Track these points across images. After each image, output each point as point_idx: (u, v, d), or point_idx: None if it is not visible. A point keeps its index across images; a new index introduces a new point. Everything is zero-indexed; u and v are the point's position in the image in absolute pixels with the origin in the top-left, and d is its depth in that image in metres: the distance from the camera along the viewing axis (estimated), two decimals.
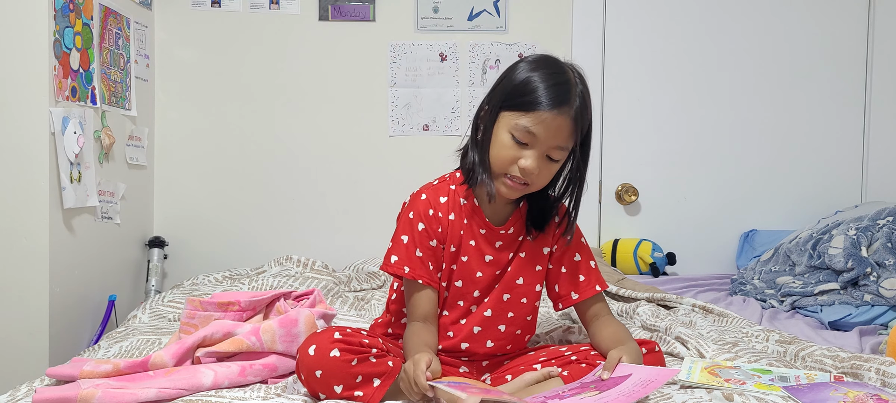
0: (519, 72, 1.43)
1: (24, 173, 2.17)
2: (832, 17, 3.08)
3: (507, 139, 1.41)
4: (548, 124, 1.38)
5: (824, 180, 3.11)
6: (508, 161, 1.42)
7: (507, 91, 1.43)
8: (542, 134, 1.38)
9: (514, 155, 1.41)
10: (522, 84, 1.41)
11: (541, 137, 1.39)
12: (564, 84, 1.40)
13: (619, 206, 3.13)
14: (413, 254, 1.48)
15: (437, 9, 3.03)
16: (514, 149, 1.41)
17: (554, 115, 1.38)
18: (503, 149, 1.42)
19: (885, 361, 1.53)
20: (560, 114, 1.38)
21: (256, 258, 2.89)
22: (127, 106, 2.72)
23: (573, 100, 1.39)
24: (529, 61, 1.44)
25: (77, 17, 2.34)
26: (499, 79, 1.47)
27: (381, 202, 3.00)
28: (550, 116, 1.38)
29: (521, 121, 1.39)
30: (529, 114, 1.38)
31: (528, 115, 1.39)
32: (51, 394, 1.30)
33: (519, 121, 1.39)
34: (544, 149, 1.40)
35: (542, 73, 1.41)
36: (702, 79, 3.10)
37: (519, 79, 1.42)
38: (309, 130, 3.03)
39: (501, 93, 1.44)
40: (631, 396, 1.25)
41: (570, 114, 1.39)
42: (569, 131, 1.40)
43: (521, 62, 1.45)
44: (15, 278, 2.19)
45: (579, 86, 1.42)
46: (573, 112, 1.39)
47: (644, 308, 2.15)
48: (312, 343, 1.31)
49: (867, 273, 2.30)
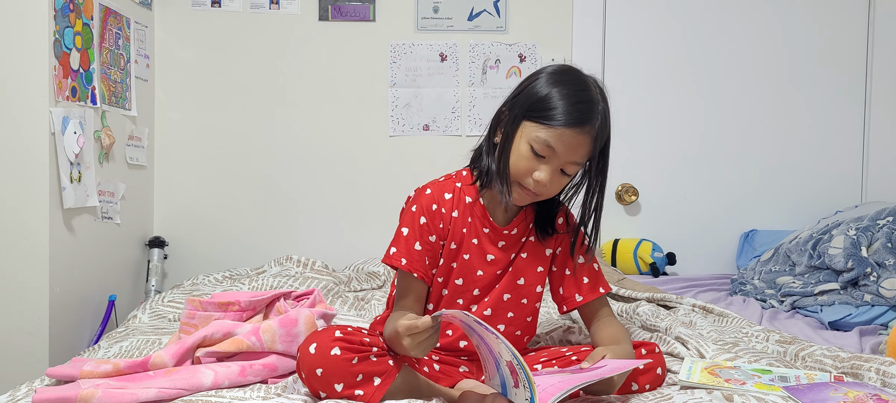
0: (542, 85, 1.43)
1: (24, 173, 2.17)
2: (832, 17, 3.08)
3: (526, 150, 1.42)
4: (567, 141, 1.39)
5: (824, 180, 3.11)
6: (525, 172, 1.43)
7: (530, 101, 1.43)
8: (560, 149, 1.40)
9: (531, 166, 1.42)
10: (546, 98, 1.41)
11: (559, 152, 1.40)
12: (588, 102, 1.41)
13: (619, 206, 3.13)
14: (412, 247, 1.49)
15: (437, 9, 3.03)
16: (531, 160, 1.41)
17: (574, 133, 1.39)
18: (521, 159, 1.42)
19: (885, 361, 1.53)
20: (581, 132, 1.39)
21: (256, 258, 2.89)
22: (127, 106, 2.72)
23: (595, 118, 1.41)
24: (553, 73, 1.44)
25: (77, 17, 2.34)
26: (520, 86, 1.47)
27: (382, 202, 3.01)
28: (571, 134, 1.39)
29: (542, 134, 1.40)
30: (550, 128, 1.39)
31: (549, 130, 1.39)
32: (51, 394, 1.30)
33: (539, 134, 1.40)
34: (560, 164, 1.42)
35: (567, 90, 1.41)
36: (702, 79, 3.10)
37: (542, 92, 1.42)
38: (309, 130, 3.04)
39: (523, 103, 1.44)
40: (591, 374, 1.27)
41: (591, 133, 1.40)
42: (587, 149, 1.42)
43: (544, 73, 1.45)
44: (15, 278, 2.19)
45: (601, 104, 1.43)
46: (594, 131, 1.41)
47: (644, 308, 2.15)
48: (313, 342, 1.31)
49: (867, 273, 2.30)
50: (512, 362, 1.19)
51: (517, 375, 1.19)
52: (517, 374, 1.19)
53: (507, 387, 1.24)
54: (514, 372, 1.19)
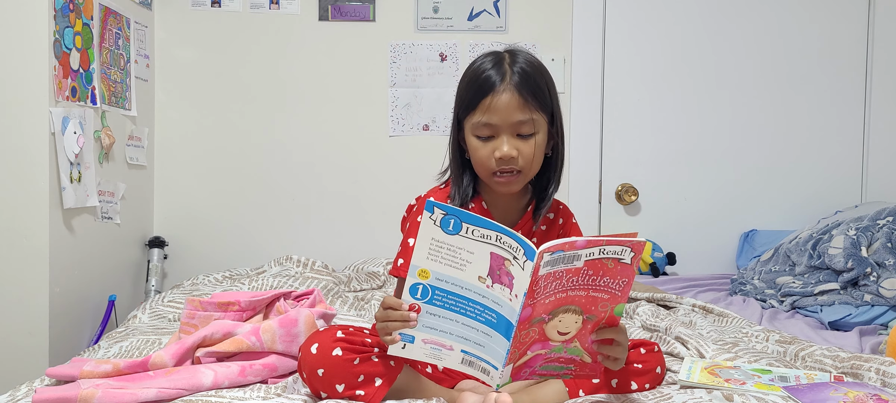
0: (462, 80, 1.49)
1: (24, 173, 2.17)
2: (832, 17, 3.08)
3: (475, 141, 1.45)
4: (495, 107, 1.41)
5: (824, 180, 3.11)
6: (486, 158, 1.44)
7: (458, 104, 1.48)
8: (495, 118, 1.42)
9: (487, 151, 1.44)
10: (462, 89, 1.47)
11: (496, 122, 1.42)
12: (497, 63, 1.44)
13: (619, 206, 3.13)
14: None
15: (437, 9, 3.03)
16: (484, 146, 1.44)
17: (495, 96, 1.41)
18: (477, 152, 1.45)
19: (885, 361, 1.54)
20: (500, 91, 1.41)
21: (256, 258, 2.89)
22: (127, 106, 2.72)
23: (506, 73, 1.42)
24: (469, 64, 1.49)
25: (77, 17, 2.34)
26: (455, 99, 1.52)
27: (381, 202, 3.01)
28: (492, 99, 1.41)
29: (475, 118, 1.43)
30: (477, 108, 1.43)
31: (476, 111, 1.43)
32: (51, 394, 1.30)
33: (474, 119, 1.44)
34: (509, 131, 1.42)
35: (473, 70, 1.46)
36: (702, 79, 3.10)
37: (461, 88, 1.48)
38: (309, 130, 3.04)
39: (455, 110, 1.50)
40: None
41: (510, 87, 1.42)
42: (518, 102, 1.42)
43: (464, 71, 1.51)
44: (15, 278, 2.19)
45: (517, 59, 1.44)
46: (513, 84, 1.42)
47: (644, 308, 2.15)
48: (315, 342, 1.31)
49: (867, 273, 2.30)
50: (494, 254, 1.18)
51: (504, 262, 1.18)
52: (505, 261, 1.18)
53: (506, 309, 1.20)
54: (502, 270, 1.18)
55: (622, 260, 1.20)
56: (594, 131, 3.08)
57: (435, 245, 1.18)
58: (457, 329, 1.22)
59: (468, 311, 1.21)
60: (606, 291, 1.22)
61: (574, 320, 1.23)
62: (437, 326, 1.22)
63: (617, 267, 1.20)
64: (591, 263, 1.18)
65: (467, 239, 1.18)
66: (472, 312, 1.21)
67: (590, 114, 3.07)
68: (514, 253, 1.18)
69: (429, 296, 1.21)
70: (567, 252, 1.15)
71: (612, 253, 1.18)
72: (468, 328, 1.22)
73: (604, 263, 1.19)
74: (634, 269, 1.22)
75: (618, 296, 1.23)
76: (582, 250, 1.16)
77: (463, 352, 1.24)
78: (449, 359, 1.25)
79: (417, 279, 1.20)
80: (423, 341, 1.23)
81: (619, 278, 1.21)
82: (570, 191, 3.05)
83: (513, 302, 1.18)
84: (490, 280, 1.19)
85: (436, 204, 1.17)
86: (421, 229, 1.18)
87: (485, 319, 1.21)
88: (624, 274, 1.21)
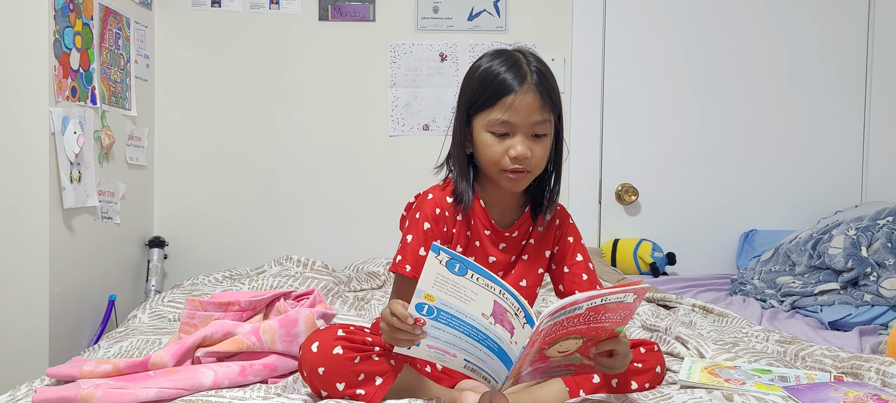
0: (472, 79, 1.47)
1: (24, 173, 2.17)
2: (832, 17, 3.08)
3: (488, 138, 1.43)
4: (516, 107, 1.41)
5: (824, 180, 3.11)
6: (499, 155, 1.43)
7: (468, 97, 1.46)
8: (515, 118, 1.41)
9: (502, 148, 1.43)
10: (479, 83, 1.45)
11: (516, 121, 1.41)
12: (515, 64, 1.43)
13: (619, 206, 3.13)
14: (416, 254, 1.48)
15: (437, 9, 3.03)
16: (497, 143, 1.43)
17: (517, 96, 1.41)
18: (488, 147, 1.44)
19: (885, 361, 1.54)
20: (522, 92, 1.41)
21: (256, 258, 2.89)
22: (127, 106, 2.72)
23: (528, 73, 1.42)
24: (478, 62, 1.48)
25: (77, 17, 2.34)
26: (459, 95, 1.51)
27: (381, 202, 3.01)
28: (514, 98, 1.41)
29: (494, 115, 1.42)
30: (496, 105, 1.42)
31: (496, 107, 1.42)
32: (51, 394, 1.30)
33: (491, 116, 1.42)
34: (526, 130, 1.42)
35: (494, 65, 1.44)
36: (702, 79, 3.10)
37: (475, 83, 1.46)
38: (309, 130, 3.04)
39: (465, 103, 1.47)
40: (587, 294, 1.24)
41: (532, 88, 1.42)
42: (538, 103, 1.42)
43: (471, 68, 1.49)
44: (15, 278, 2.19)
45: (531, 61, 1.45)
46: (534, 85, 1.42)
47: (644, 308, 2.15)
48: (315, 341, 1.31)
49: (867, 273, 2.30)
50: (497, 303, 1.18)
51: (506, 313, 1.18)
52: (506, 312, 1.18)
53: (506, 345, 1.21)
54: (504, 318, 1.19)
55: (624, 301, 1.21)
56: (594, 131, 3.08)
57: (441, 279, 1.19)
58: (461, 343, 1.24)
59: (472, 334, 1.23)
60: (608, 322, 1.23)
61: (575, 344, 1.24)
62: (442, 338, 1.24)
63: (619, 306, 1.21)
64: (593, 307, 1.19)
65: (472, 282, 1.19)
66: (476, 336, 1.23)
67: (590, 114, 3.07)
68: (515, 311, 1.19)
69: (434, 315, 1.22)
70: (569, 309, 1.17)
71: (614, 299, 1.20)
72: (471, 345, 1.24)
73: (606, 305, 1.20)
74: (637, 304, 1.23)
75: (619, 323, 1.25)
76: (584, 303, 1.17)
77: (466, 361, 1.26)
78: (452, 363, 1.27)
79: (423, 300, 1.21)
80: (429, 346, 1.25)
81: (620, 313, 1.23)
82: (570, 191, 3.05)
83: (513, 347, 1.20)
84: (493, 319, 1.21)
85: (441, 249, 1.18)
86: (427, 264, 1.19)
87: (487, 345, 1.23)
88: (626, 310, 1.23)
